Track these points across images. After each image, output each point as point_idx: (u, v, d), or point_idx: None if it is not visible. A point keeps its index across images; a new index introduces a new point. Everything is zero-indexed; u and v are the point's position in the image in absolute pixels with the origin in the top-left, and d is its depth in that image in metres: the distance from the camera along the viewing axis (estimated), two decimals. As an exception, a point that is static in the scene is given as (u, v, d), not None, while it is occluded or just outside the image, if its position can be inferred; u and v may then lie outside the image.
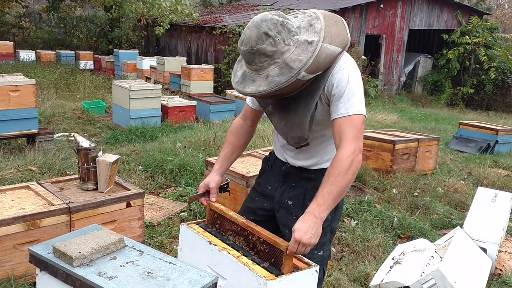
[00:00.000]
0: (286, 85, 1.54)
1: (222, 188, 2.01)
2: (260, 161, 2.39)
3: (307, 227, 1.55)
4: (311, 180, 1.86)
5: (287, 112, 1.77)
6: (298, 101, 1.72)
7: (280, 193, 1.93)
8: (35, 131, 5.28)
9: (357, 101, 1.65)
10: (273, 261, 1.61)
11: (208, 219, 1.87)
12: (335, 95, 1.66)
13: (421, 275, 2.70)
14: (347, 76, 1.65)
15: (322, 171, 1.79)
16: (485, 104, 16.59)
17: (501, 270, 3.19)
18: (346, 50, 1.66)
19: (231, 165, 2.03)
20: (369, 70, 14.00)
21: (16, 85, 5.03)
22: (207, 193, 1.93)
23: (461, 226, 3.33)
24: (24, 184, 2.87)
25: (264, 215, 1.99)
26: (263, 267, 1.59)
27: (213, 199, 1.90)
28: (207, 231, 1.80)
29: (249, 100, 1.97)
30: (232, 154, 1.99)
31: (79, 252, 1.49)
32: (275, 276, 1.53)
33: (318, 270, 1.61)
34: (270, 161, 2.02)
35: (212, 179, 1.92)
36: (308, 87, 1.68)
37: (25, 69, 11.19)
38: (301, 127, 1.75)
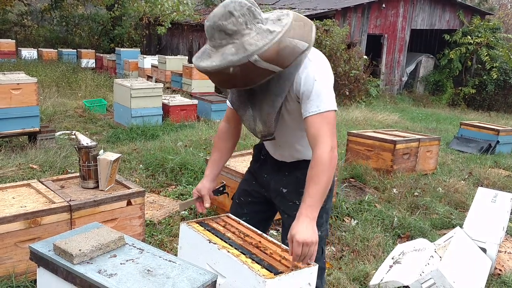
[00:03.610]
0: (237, 65, 1.55)
1: (218, 191, 2.06)
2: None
3: (304, 228, 1.60)
4: (302, 168, 1.89)
5: (254, 108, 1.82)
6: (264, 99, 1.76)
7: (275, 182, 1.99)
8: (37, 129, 5.29)
9: (326, 98, 1.68)
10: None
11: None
12: (304, 93, 1.69)
13: (420, 275, 2.70)
14: (313, 73, 1.68)
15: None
16: (487, 105, 16.56)
17: (500, 270, 3.19)
18: (307, 52, 1.65)
19: (221, 169, 2.10)
20: (371, 70, 14.00)
21: (18, 83, 5.05)
22: (199, 198, 1.96)
23: (461, 226, 3.33)
24: (25, 182, 2.88)
25: (260, 197, 2.08)
26: (262, 265, 1.60)
27: (207, 205, 1.97)
28: (207, 230, 1.81)
29: (229, 102, 2.00)
30: (221, 158, 2.06)
31: (80, 250, 1.50)
32: (274, 274, 1.54)
33: (317, 269, 1.63)
34: (264, 151, 2.07)
35: (203, 186, 1.99)
36: (273, 85, 1.71)
37: (27, 67, 11.19)
38: (267, 124, 1.80)
